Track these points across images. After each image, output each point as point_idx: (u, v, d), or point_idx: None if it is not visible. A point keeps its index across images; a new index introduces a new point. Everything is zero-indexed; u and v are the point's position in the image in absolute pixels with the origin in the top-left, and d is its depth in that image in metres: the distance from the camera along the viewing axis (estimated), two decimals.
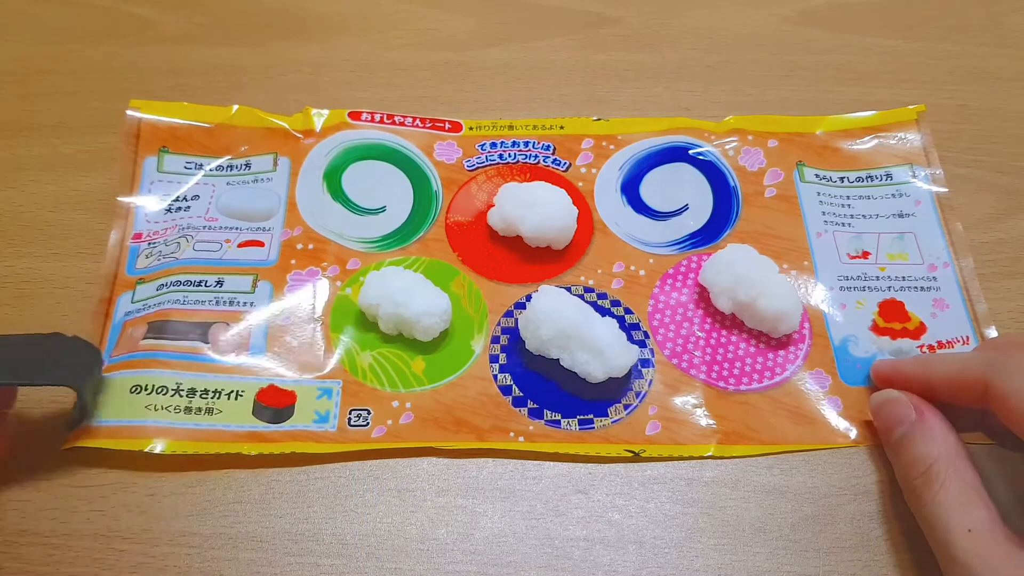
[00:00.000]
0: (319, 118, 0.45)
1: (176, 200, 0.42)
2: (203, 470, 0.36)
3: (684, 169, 0.44)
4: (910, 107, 0.46)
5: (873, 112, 0.46)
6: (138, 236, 0.41)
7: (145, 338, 0.38)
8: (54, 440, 0.36)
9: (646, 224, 0.43)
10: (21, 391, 0.36)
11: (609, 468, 0.36)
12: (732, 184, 0.44)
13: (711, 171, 0.44)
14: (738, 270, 0.38)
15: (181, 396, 0.36)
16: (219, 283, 0.39)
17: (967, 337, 0.39)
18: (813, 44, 0.51)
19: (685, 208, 0.43)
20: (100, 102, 0.47)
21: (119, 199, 0.42)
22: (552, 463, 0.36)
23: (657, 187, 0.44)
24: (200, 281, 0.39)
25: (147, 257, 0.41)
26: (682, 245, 0.42)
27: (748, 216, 0.43)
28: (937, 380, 0.34)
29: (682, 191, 0.43)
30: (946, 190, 0.43)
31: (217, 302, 0.39)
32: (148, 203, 0.42)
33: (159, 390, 0.36)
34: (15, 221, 0.43)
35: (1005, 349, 0.32)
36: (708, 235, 0.42)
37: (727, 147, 0.44)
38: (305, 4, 0.52)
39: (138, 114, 0.44)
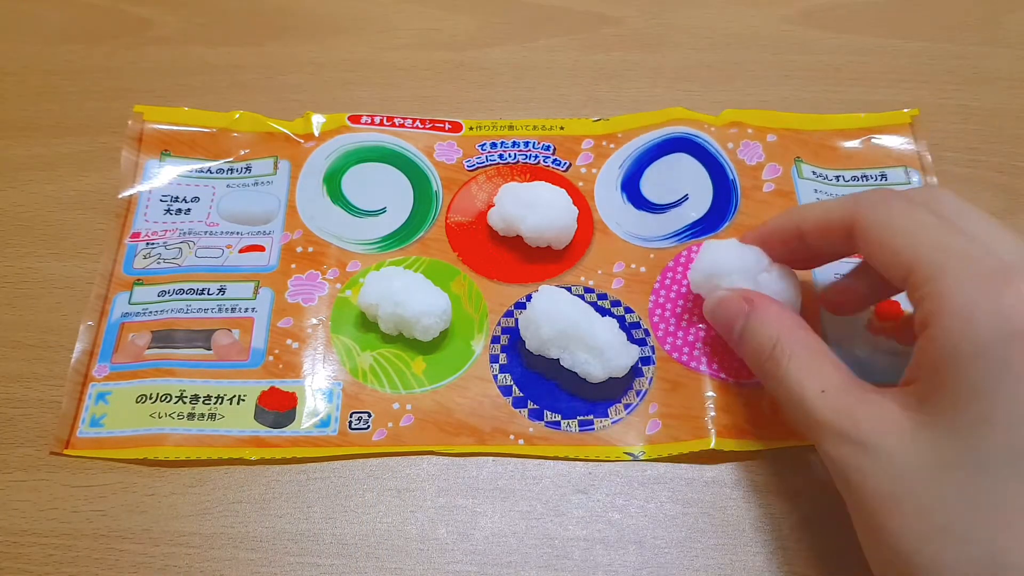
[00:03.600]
0: (319, 122, 0.45)
1: (176, 201, 0.42)
2: (203, 469, 0.36)
3: (683, 159, 0.44)
4: (904, 110, 0.46)
5: (866, 113, 0.46)
6: (136, 235, 0.41)
7: (150, 347, 0.38)
8: (53, 440, 0.36)
9: (647, 219, 0.43)
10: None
11: (609, 468, 0.36)
12: (731, 177, 0.44)
13: (710, 162, 0.44)
14: (715, 279, 0.37)
15: (184, 403, 0.36)
16: (221, 290, 0.40)
17: None
18: (813, 44, 0.51)
19: (685, 198, 0.43)
20: (100, 102, 0.47)
21: (118, 196, 0.42)
22: (552, 463, 0.36)
23: (657, 180, 0.44)
24: (203, 289, 0.39)
25: (145, 258, 0.41)
26: (682, 236, 0.42)
27: (746, 210, 0.43)
28: (807, 226, 0.34)
29: (682, 181, 0.43)
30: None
31: (220, 309, 0.39)
32: (147, 202, 0.42)
33: (163, 398, 0.37)
34: (15, 221, 0.43)
35: (872, 191, 0.32)
36: (708, 225, 0.42)
37: (726, 140, 0.45)
38: (305, 4, 0.52)
39: (141, 119, 0.45)
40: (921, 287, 0.28)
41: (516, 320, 0.39)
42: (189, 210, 0.42)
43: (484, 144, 0.45)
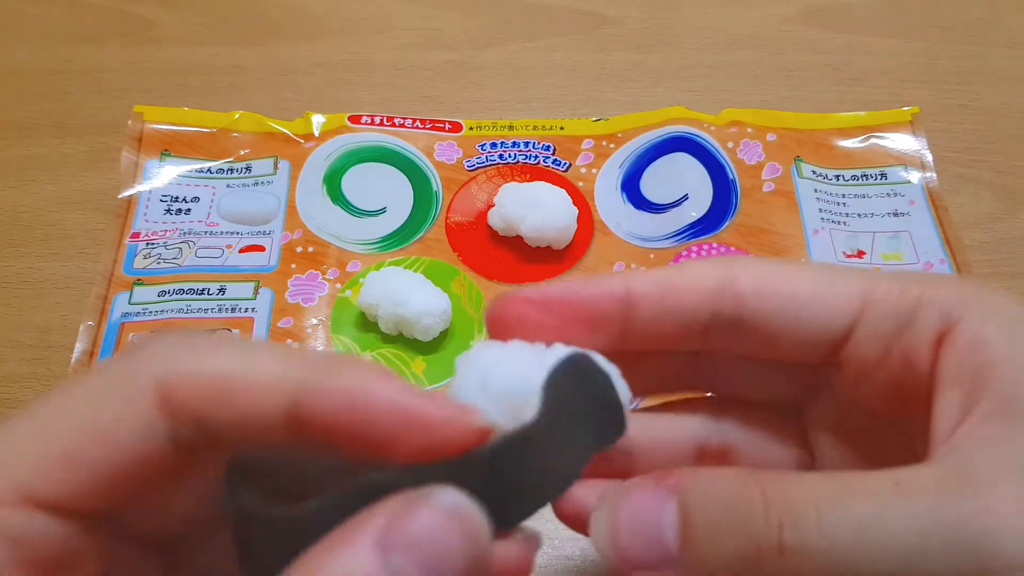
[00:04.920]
0: (319, 122, 0.45)
1: (176, 201, 0.42)
2: None
3: (683, 159, 0.44)
4: (904, 108, 0.46)
5: (867, 112, 0.46)
6: (136, 235, 0.41)
7: None
8: None
9: (647, 219, 0.43)
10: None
11: None
12: (731, 177, 0.44)
13: (710, 161, 0.44)
14: None
15: None
16: (221, 290, 0.40)
17: None
18: (813, 44, 0.51)
19: (685, 198, 0.43)
20: (100, 102, 0.47)
21: (119, 196, 0.42)
22: None
23: (657, 179, 0.44)
24: (203, 289, 0.39)
25: (145, 258, 0.41)
26: (682, 236, 0.42)
27: (746, 209, 0.43)
28: (647, 289, 0.21)
29: (682, 181, 0.43)
30: (940, 189, 0.43)
31: (220, 309, 0.39)
32: (148, 202, 0.42)
33: None
34: (15, 221, 0.43)
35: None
36: (708, 225, 0.42)
37: (726, 140, 0.44)
38: (305, 4, 0.52)
39: (141, 119, 0.45)
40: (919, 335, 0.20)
41: None
42: (189, 210, 0.42)
43: (484, 144, 0.45)
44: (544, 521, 0.34)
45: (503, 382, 0.18)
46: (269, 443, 0.17)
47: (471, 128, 0.45)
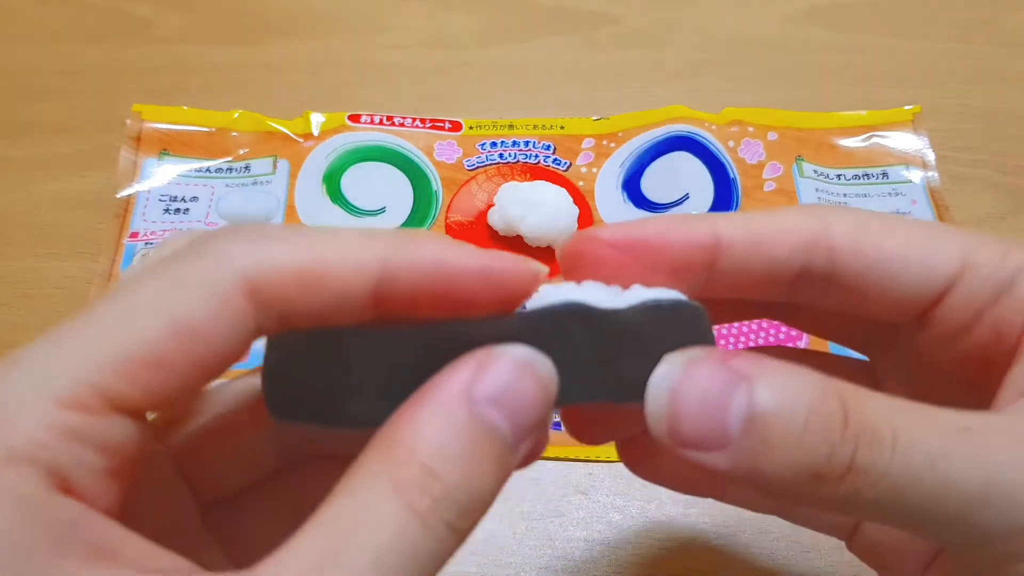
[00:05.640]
0: (319, 121, 0.45)
1: (175, 201, 0.42)
2: None
3: (684, 158, 0.44)
4: (906, 107, 0.46)
5: (868, 111, 0.46)
6: (135, 235, 0.41)
7: None
8: None
9: None
10: None
11: (610, 468, 0.36)
12: (732, 176, 0.43)
13: (711, 161, 0.44)
14: None
15: None
16: None
17: None
18: (815, 43, 0.50)
19: (686, 198, 0.43)
20: (99, 102, 0.47)
21: (117, 196, 0.42)
22: (552, 463, 0.36)
23: (658, 179, 0.44)
24: None
25: (144, 258, 0.40)
26: None
27: (747, 209, 0.42)
28: (742, 236, 0.20)
29: (682, 180, 0.43)
30: (942, 189, 0.43)
31: None
32: (146, 202, 0.42)
33: None
34: (15, 221, 0.42)
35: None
36: None
37: (727, 139, 0.44)
38: (305, 4, 0.52)
39: (140, 119, 0.44)
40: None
41: None
42: (188, 210, 0.42)
43: (484, 143, 0.45)
44: (544, 522, 0.34)
45: None
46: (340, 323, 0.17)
47: (471, 127, 0.45)
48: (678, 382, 0.17)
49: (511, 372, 0.16)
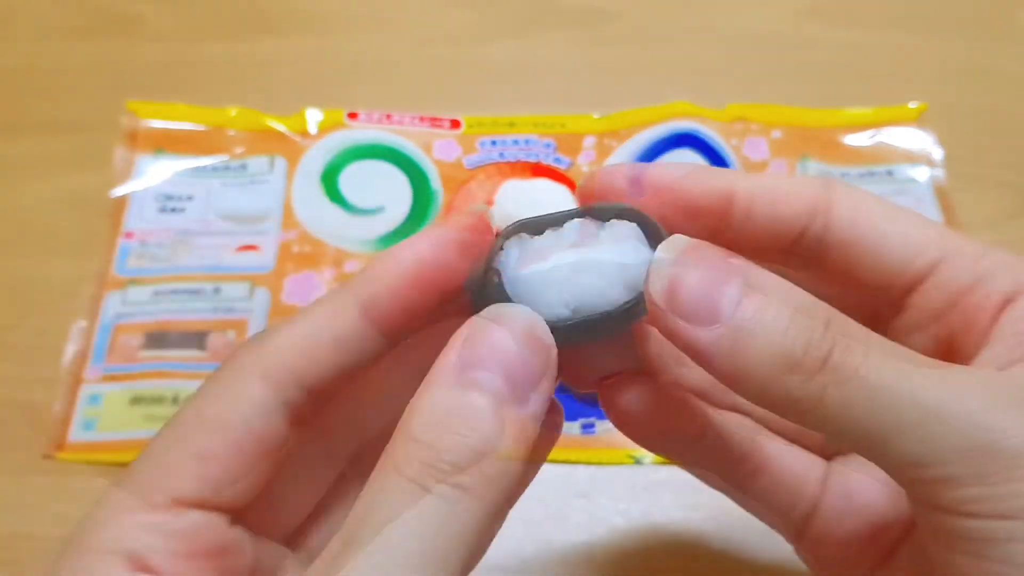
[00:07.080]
0: (316, 119, 0.44)
1: (170, 199, 0.42)
2: None
3: (687, 155, 0.44)
4: (912, 105, 0.45)
5: (874, 108, 0.45)
6: (130, 234, 0.41)
7: (144, 349, 0.37)
8: (45, 443, 0.35)
9: None
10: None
11: (611, 472, 0.35)
12: None
13: (714, 158, 0.43)
14: None
15: (177, 405, 0.36)
16: (216, 291, 0.39)
17: None
18: (820, 40, 0.50)
19: None
20: (94, 99, 0.46)
21: (112, 195, 0.42)
22: (553, 466, 0.35)
23: None
24: (197, 289, 0.39)
25: (139, 258, 0.40)
26: None
27: None
28: (759, 192, 0.21)
29: None
30: (947, 187, 0.43)
31: (215, 310, 0.38)
32: (141, 201, 0.42)
33: (157, 400, 0.36)
34: (9, 220, 0.42)
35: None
36: None
37: (730, 136, 0.44)
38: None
39: (135, 116, 0.44)
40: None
41: None
42: (183, 209, 0.42)
43: (484, 141, 0.44)
44: (545, 527, 0.34)
45: None
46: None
47: (471, 125, 0.45)
48: (685, 251, 0.18)
49: (487, 332, 0.18)
